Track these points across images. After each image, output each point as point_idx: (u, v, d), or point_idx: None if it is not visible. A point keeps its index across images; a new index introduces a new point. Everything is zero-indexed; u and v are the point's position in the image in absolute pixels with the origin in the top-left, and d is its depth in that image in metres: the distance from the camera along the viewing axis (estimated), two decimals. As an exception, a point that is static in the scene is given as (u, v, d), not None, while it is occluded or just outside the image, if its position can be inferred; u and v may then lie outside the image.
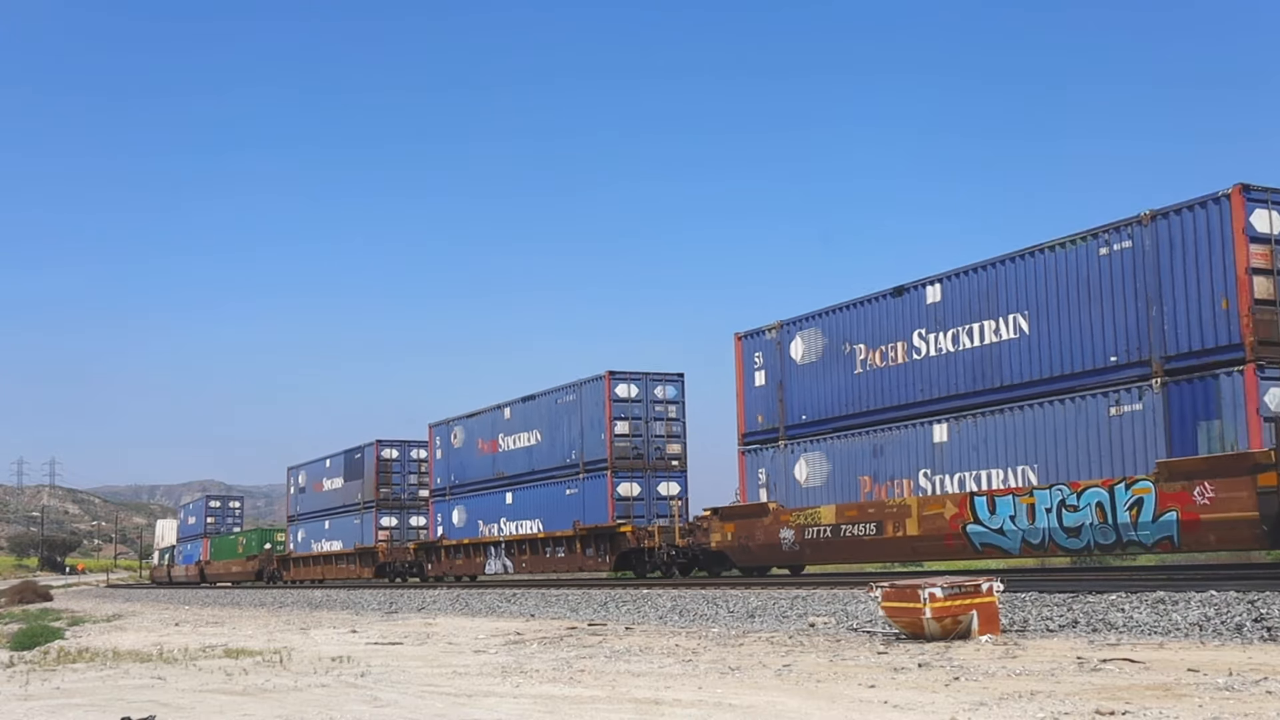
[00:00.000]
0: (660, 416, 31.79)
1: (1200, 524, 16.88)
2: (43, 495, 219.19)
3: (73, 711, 9.12)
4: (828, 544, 23.23)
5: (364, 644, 15.69)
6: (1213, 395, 17.14)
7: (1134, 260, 18.41)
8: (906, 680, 8.86)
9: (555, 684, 9.77)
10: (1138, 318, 18.28)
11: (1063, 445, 19.14)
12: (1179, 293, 17.73)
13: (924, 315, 21.87)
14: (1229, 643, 10.19)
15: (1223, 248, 17.10)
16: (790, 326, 25.02)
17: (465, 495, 38.79)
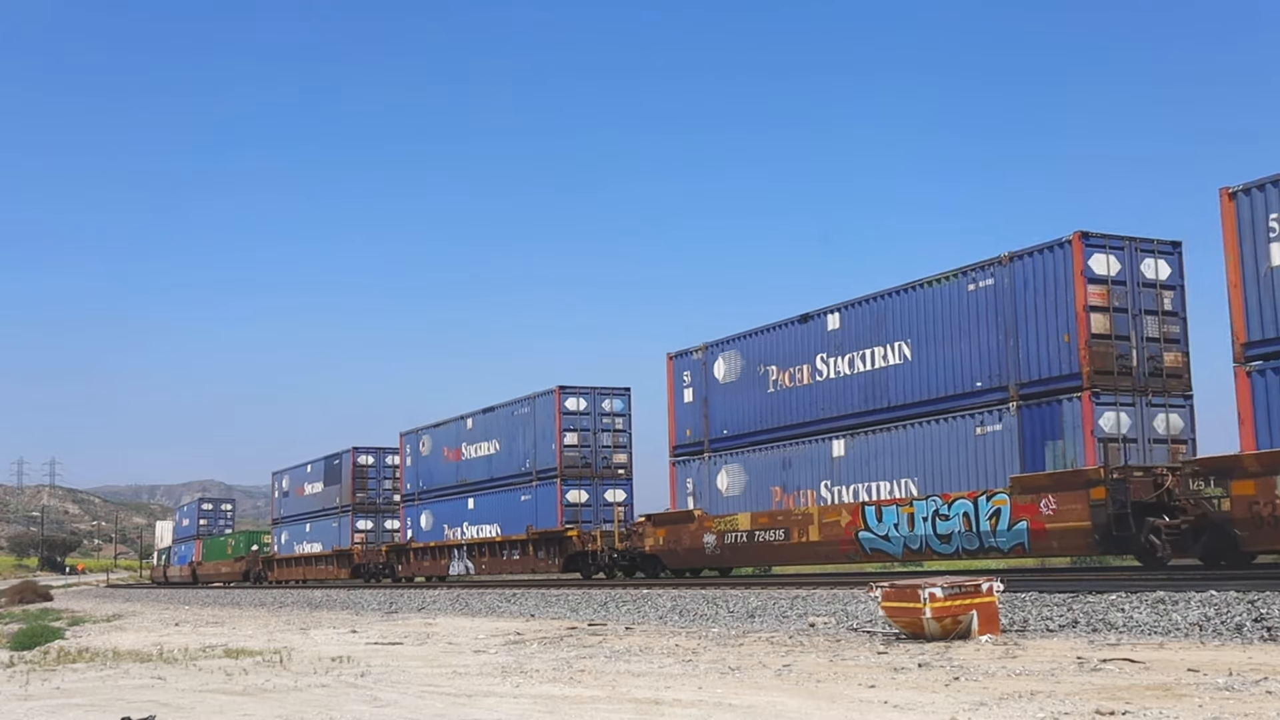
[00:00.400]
0: (608, 428, 34.13)
1: (1046, 532, 19.22)
2: (43, 495, 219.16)
3: (73, 711, 9.12)
4: (745, 548, 25.65)
5: (364, 644, 15.69)
6: (1057, 418, 19.57)
7: (995, 296, 20.81)
8: (906, 680, 8.86)
9: (555, 684, 9.77)
10: (999, 348, 20.65)
11: (938, 461, 21.46)
12: (1031, 326, 20.11)
13: (826, 341, 24.21)
14: (1229, 643, 10.20)
15: (1066, 287, 19.52)
16: (714, 348, 27.19)
17: (432, 500, 40.94)
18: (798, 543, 24.10)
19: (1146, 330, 19.70)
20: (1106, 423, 19.11)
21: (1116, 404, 19.28)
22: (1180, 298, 19.89)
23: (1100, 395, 19.11)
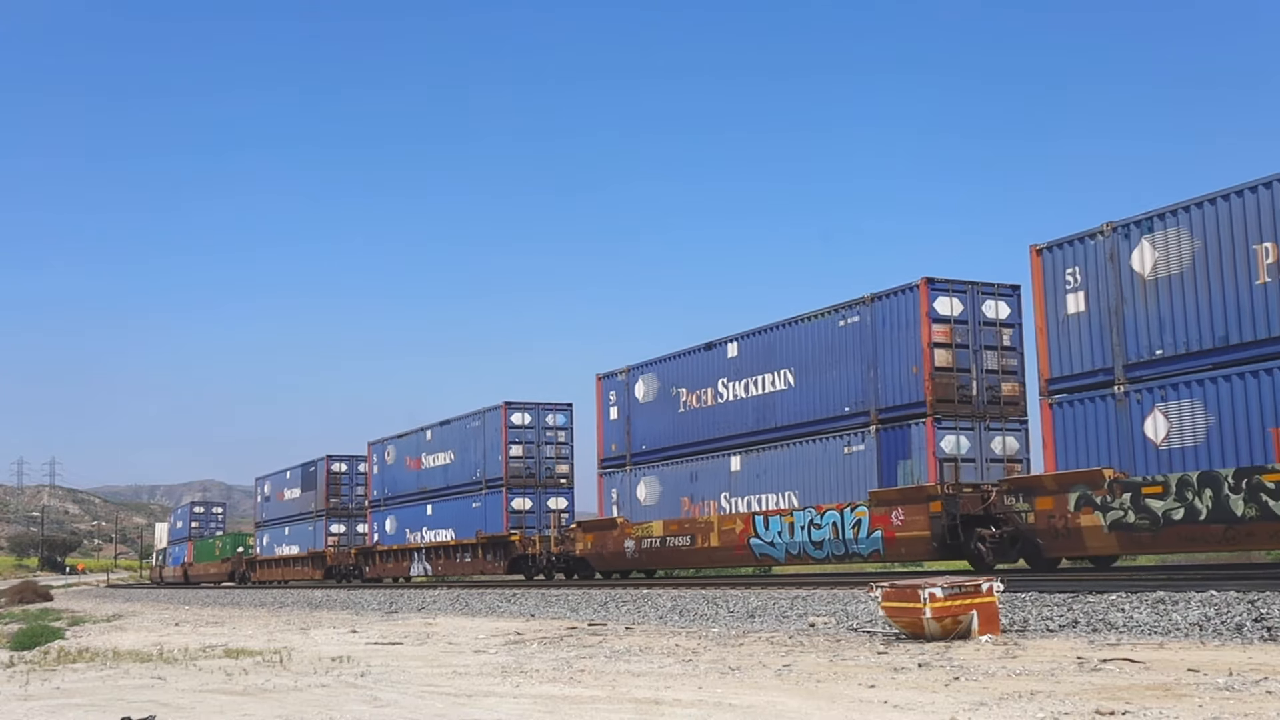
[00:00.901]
0: (550, 441, 37.08)
1: (896, 540, 21.98)
2: (43, 495, 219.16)
3: (73, 711, 9.11)
4: (658, 552, 28.52)
5: (364, 644, 15.69)
6: (907, 441, 22.39)
7: (860, 332, 23.62)
8: (906, 680, 8.87)
9: (555, 684, 9.77)
10: (863, 377, 23.46)
11: (814, 476, 24.27)
12: (888, 359, 22.95)
13: (726, 367, 27.22)
14: (1229, 643, 10.19)
15: (914, 326, 22.28)
16: (635, 371, 30.41)
17: (396, 506, 44.06)
18: (701, 548, 27.10)
19: (986, 364, 22.50)
20: (947, 445, 21.97)
21: (956, 428, 22.07)
22: (1018, 334, 22.65)
23: (941, 421, 21.95)
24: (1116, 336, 18.46)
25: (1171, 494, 17.25)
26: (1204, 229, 17.53)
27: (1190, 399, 17.39)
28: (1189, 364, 17.49)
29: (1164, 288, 17.87)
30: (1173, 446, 17.53)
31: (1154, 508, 17.46)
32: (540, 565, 34.62)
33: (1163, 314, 17.87)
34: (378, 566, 44.99)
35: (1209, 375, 17.19)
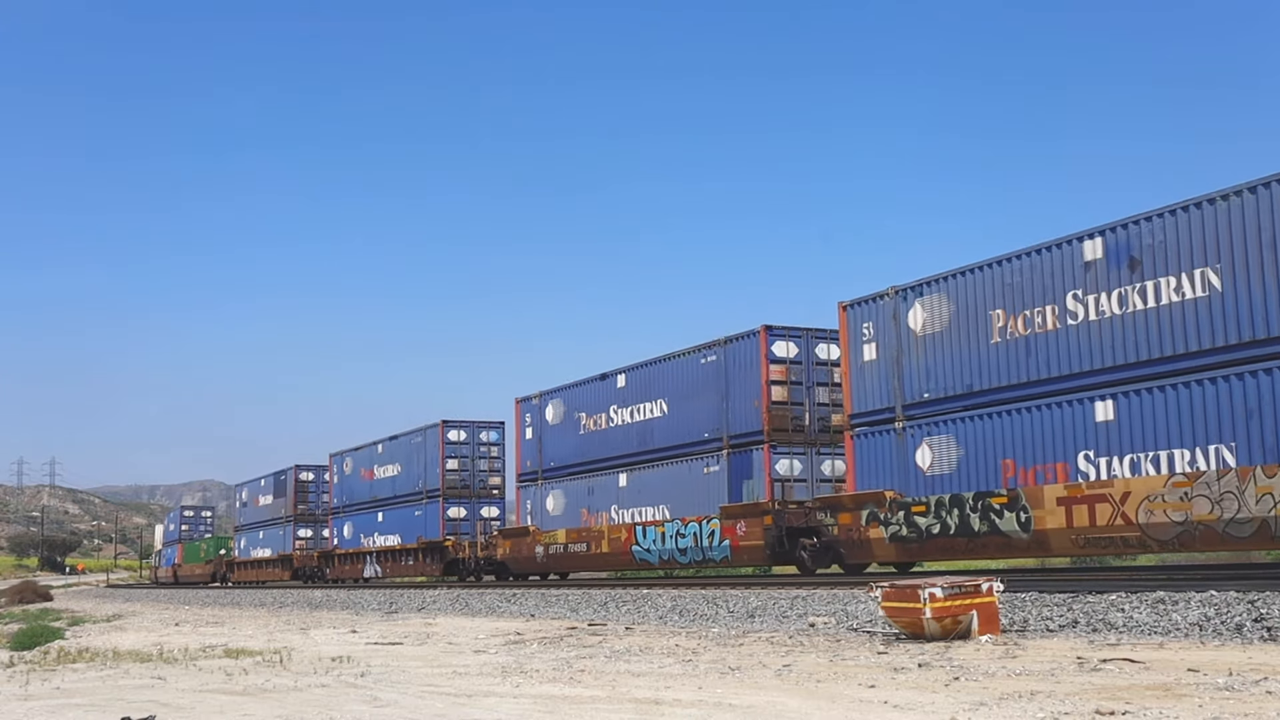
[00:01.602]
0: (484, 455, 41.20)
1: (740, 548, 25.96)
2: (43, 495, 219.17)
3: (73, 711, 9.11)
4: (562, 557, 32.50)
5: (364, 644, 15.69)
6: (750, 463, 26.29)
7: (717, 369, 27.50)
8: (906, 680, 8.86)
9: (555, 684, 9.77)
10: (719, 408, 27.29)
11: (682, 492, 28.18)
12: (737, 393, 26.82)
13: (617, 395, 31.15)
14: (1229, 643, 10.19)
15: (755, 366, 26.09)
16: (546, 396, 34.29)
17: (353, 513, 48.09)
18: (596, 553, 31.01)
19: (818, 398, 26.25)
20: (781, 467, 25.67)
21: (790, 453, 25.77)
22: None
23: (777, 446, 25.65)
24: (897, 382, 22.50)
25: (931, 512, 21.23)
26: (958, 296, 21.33)
27: (947, 434, 21.28)
28: (946, 405, 21.37)
29: (931, 343, 21.80)
30: (935, 473, 21.43)
31: (919, 523, 21.45)
32: (470, 568, 38.40)
33: (929, 364, 21.78)
34: (337, 568, 49.00)
35: (959, 415, 21.06)
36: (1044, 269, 19.67)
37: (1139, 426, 18.06)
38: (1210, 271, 17.22)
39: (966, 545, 20.57)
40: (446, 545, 39.16)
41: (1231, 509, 16.43)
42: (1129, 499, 17.78)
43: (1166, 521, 17.20)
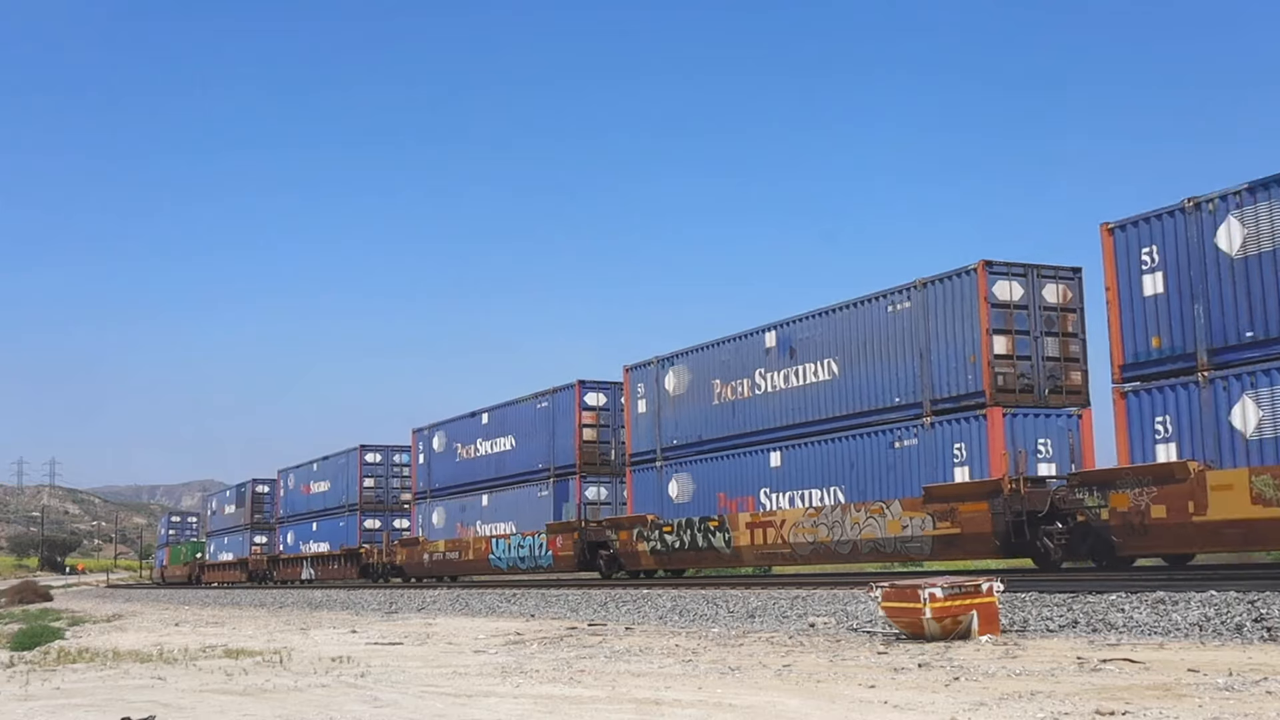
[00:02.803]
0: (398, 475, 47.56)
1: (559, 557, 32.02)
2: (43, 495, 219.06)
3: (73, 711, 9.11)
4: (442, 563, 39.29)
5: (364, 644, 15.69)
6: (568, 490, 32.57)
7: (547, 413, 33.70)
8: (906, 680, 8.86)
9: (555, 684, 9.77)
10: (548, 445, 33.64)
11: (524, 512, 34.32)
12: (561, 433, 32.97)
13: (482, 430, 37.55)
14: (1229, 643, 10.19)
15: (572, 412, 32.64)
16: (433, 428, 40.94)
17: (295, 523, 54.98)
18: (464, 560, 37.57)
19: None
20: (590, 494, 32.24)
21: (598, 482, 32.45)
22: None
23: (587, 477, 32.45)
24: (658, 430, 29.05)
25: (675, 532, 27.23)
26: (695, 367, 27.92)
27: (687, 472, 27.83)
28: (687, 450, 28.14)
29: (679, 402, 28.47)
30: (680, 502, 27.83)
31: (668, 540, 27.59)
32: (379, 571, 44.64)
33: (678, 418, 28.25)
34: (281, 571, 55.43)
35: (694, 458, 27.45)
36: (743, 351, 26.15)
37: (795, 471, 24.32)
38: (833, 361, 23.55)
39: (696, 556, 27.32)
40: (361, 552, 46.08)
41: (839, 533, 22.79)
42: (785, 524, 24.18)
43: (805, 541, 23.57)
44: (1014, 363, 20.16)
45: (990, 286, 20.33)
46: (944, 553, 21.49)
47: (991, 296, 20.25)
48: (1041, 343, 20.53)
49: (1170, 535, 17.15)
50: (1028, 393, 20.29)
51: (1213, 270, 16.90)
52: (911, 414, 21.62)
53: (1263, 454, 16.08)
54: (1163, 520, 17.01)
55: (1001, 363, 20.09)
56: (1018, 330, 20.29)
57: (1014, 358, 20.23)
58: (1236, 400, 16.48)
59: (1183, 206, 17.38)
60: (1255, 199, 16.51)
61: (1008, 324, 20.24)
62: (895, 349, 21.99)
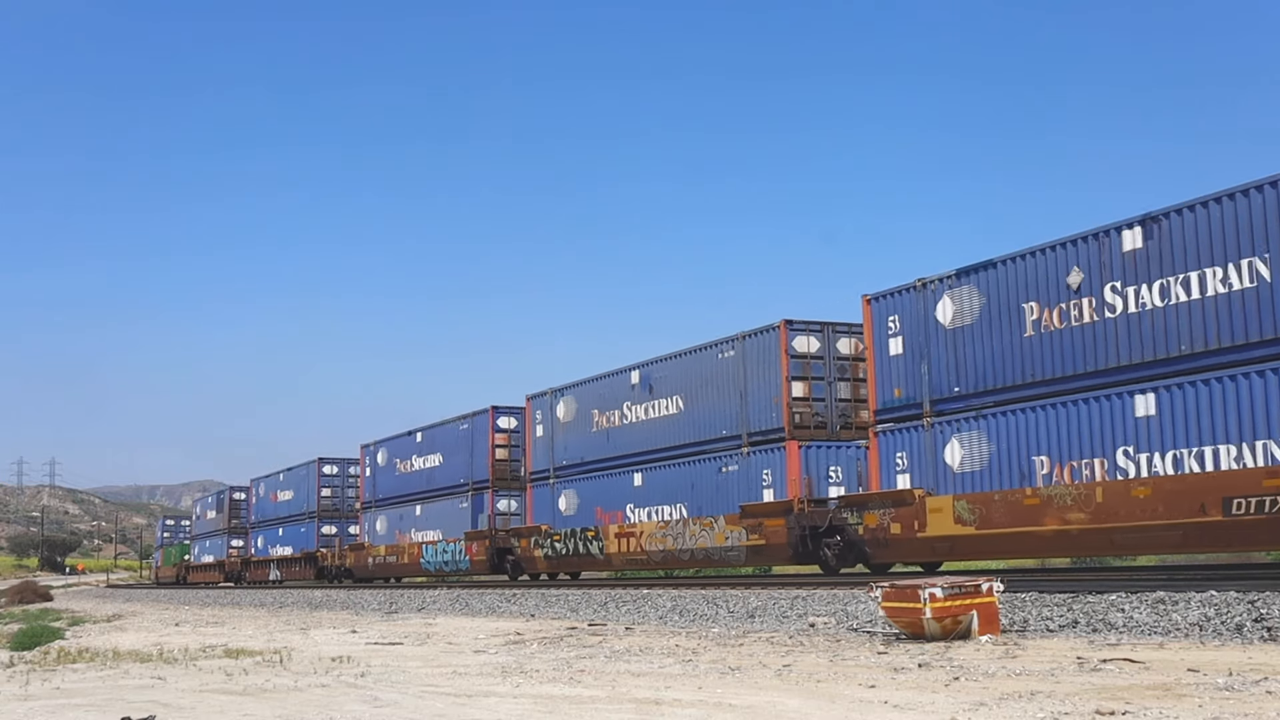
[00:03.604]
0: (353, 484, 51.50)
1: (475, 561, 36.68)
2: (43, 495, 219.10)
3: (73, 711, 9.11)
4: (383, 566, 44.06)
5: (364, 644, 15.69)
6: (483, 502, 37.15)
7: (468, 435, 38.30)
8: (906, 680, 8.86)
9: (555, 684, 9.77)
10: (468, 463, 38.28)
11: (447, 521, 38.95)
12: (479, 453, 37.94)
13: (415, 447, 42.33)
14: (1229, 643, 10.19)
15: (486, 435, 37.16)
16: (376, 445, 45.86)
17: (264, 528, 59.29)
18: (400, 563, 42.46)
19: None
20: (501, 505, 36.57)
21: (509, 495, 36.80)
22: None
23: (499, 490, 36.74)
24: (551, 449, 33.58)
25: (562, 540, 31.61)
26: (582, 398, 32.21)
27: (572, 489, 32.08)
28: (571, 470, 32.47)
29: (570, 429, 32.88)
30: (567, 514, 32.07)
31: (557, 547, 31.91)
32: (332, 573, 48.94)
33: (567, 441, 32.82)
34: (253, 572, 59.62)
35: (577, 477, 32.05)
36: (615, 386, 30.39)
37: (652, 490, 28.30)
38: (680, 397, 27.61)
39: (578, 561, 31.21)
40: (318, 555, 50.58)
41: (682, 543, 26.76)
42: (643, 535, 28.20)
43: (657, 549, 27.65)
44: (810, 404, 24.09)
45: (790, 341, 24.11)
46: (754, 559, 25.89)
47: (791, 349, 24.16)
48: (835, 387, 24.37)
49: (904, 547, 21.11)
50: (822, 428, 24.04)
51: (934, 337, 20.97)
52: (734, 444, 25.62)
53: (963, 484, 20.14)
54: (898, 535, 20.96)
55: (799, 404, 23.96)
56: (814, 376, 24.17)
57: (810, 399, 24.04)
58: (948, 441, 20.58)
59: (915, 285, 21.44)
60: (960, 283, 20.60)
61: (805, 372, 24.09)
62: (724, 390, 25.98)
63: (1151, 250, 17.64)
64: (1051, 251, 19.14)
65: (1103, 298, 18.21)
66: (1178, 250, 17.34)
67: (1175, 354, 17.24)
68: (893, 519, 21.04)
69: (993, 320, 19.91)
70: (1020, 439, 19.29)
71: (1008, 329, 19.64)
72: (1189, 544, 17.34)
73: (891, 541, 21.11)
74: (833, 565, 23.08)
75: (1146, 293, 17.67)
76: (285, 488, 56.38)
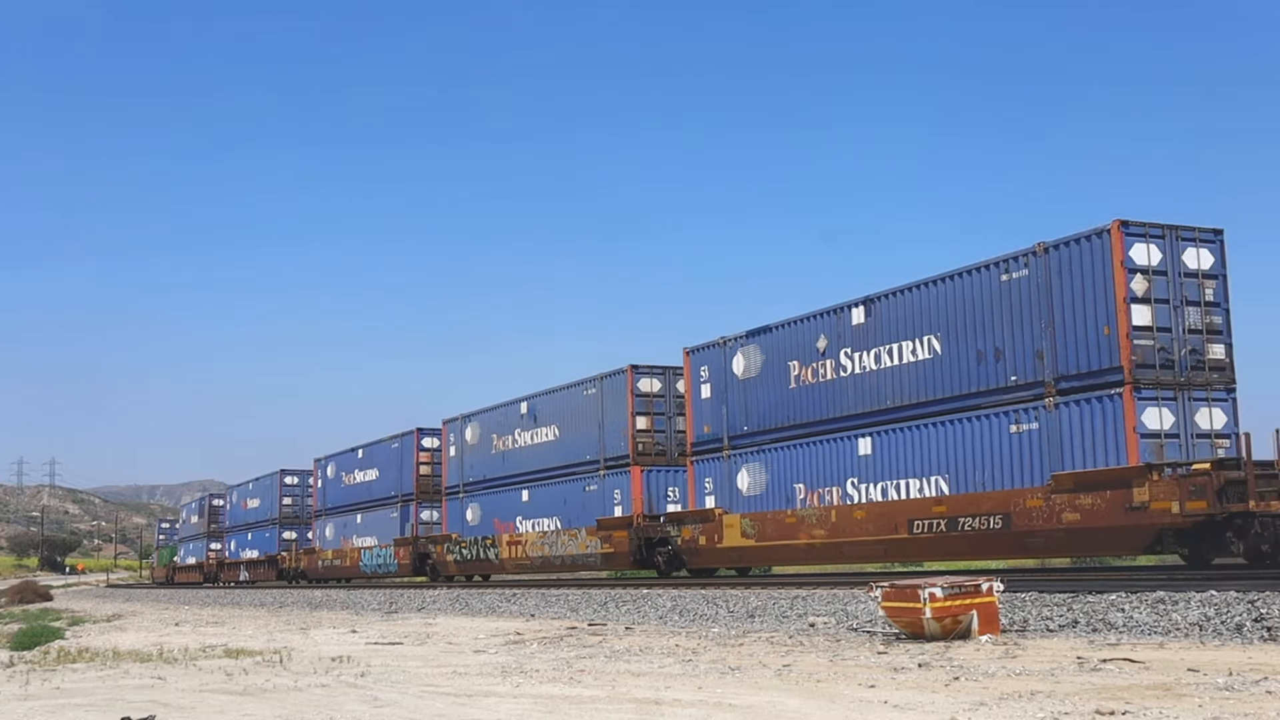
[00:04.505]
0: (309, 495, 55.81)
1: (402, 564, 41.78)
2: (43, 495, 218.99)
3: (73, 711, 9.11)
4: (331, 568, 49.39)
5: (364, 644, 15.69)
6: (409, 511, 42.27)
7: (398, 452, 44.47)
8: (906, 680, 8.86)
9: (555, 684, 9.77)
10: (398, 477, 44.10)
11: (381, 528, 44.37)
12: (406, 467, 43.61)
13: (357, 462, 47.42)
14: (1229, 643, 10.19)
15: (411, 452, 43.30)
16: (327, 459, 50.93)
17: (236, 533, 64.99)
18: (345, 566, 47.54)
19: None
20: (425, 515, 41.99)
21: (431, 506, 42.13)
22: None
23: (422, 502, 42.57)
24: (461, 468, 38.80)
25: (469, 547, 36.87)
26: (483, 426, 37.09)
27: (476, 503, 37.62)
28: (476, 486, 37.80)
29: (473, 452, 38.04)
30: (472, 524, 37.43)
31: (464, 553, 37.09)
32: (290, 575, 54.01)
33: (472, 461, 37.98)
34: (226, 573, 65.57)
35: (482, 492, 37.34)
36: (509, 415, 35.93)
37: (537, 505, 33.67)
38: (557, 426, 32.98)
39: (480, 565, 36.49)
40: (279, 558, 56.01)
41: (555, 550, 32.28)
42: (527, 543, 33.66)
43: (537, 556, 33.07)
44: (652, 435, 29.64)
45: (635, 382, 29.52)
46: (606, 564, 30.65)
47: (637, 389, 29.50)
48: (674, 421, 29.56)
49: (709, 555, 26.46)
50: (662, 455, 29.57)
51: (731, 385, 26.12)
52: (595, 467, 30.84)
53: (750, 505, 25.16)
54: (705, 545, 26.14)
55: (642, 435, 29.49)
56: (655, 412, 29.82)
57: (652, 431, 29.62)
58: (739, 470, 25.70)
59: (718, 341, 26.68)
60: (748, 342, 25.70)
61: (648, 408, 29.66)
62: (587, 421, 31.35)
63: (870, 325, 22.52)
64: (809, 321, 24.02)
65: (839, 360, 23.15)
66: (887, 326, 22.15)
67: (884, 406, 21.99)
68: (701, 532, 26.25)
69: (769, 374, 24.98)
70: (786, 469, 24.26)
71: (779, 381, 24.65)
72: (889, 555, 23.21)
73: (700, 550, 26.41)
74: (664, 570, 28.09)
75: (867, 358, 22.46)
76: (254, 496, 61.99)
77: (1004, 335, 19.88)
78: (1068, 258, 18.97)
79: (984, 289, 20.26)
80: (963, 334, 20.56)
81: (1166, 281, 18.46)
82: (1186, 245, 18.81)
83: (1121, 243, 18.23)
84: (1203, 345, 18.56)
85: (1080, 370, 18.67)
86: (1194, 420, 18.33)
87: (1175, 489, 17.11)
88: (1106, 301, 18.28)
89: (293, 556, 54.14)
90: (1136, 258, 18.25)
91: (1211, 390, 18.51)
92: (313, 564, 50.72)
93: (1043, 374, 19.19)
